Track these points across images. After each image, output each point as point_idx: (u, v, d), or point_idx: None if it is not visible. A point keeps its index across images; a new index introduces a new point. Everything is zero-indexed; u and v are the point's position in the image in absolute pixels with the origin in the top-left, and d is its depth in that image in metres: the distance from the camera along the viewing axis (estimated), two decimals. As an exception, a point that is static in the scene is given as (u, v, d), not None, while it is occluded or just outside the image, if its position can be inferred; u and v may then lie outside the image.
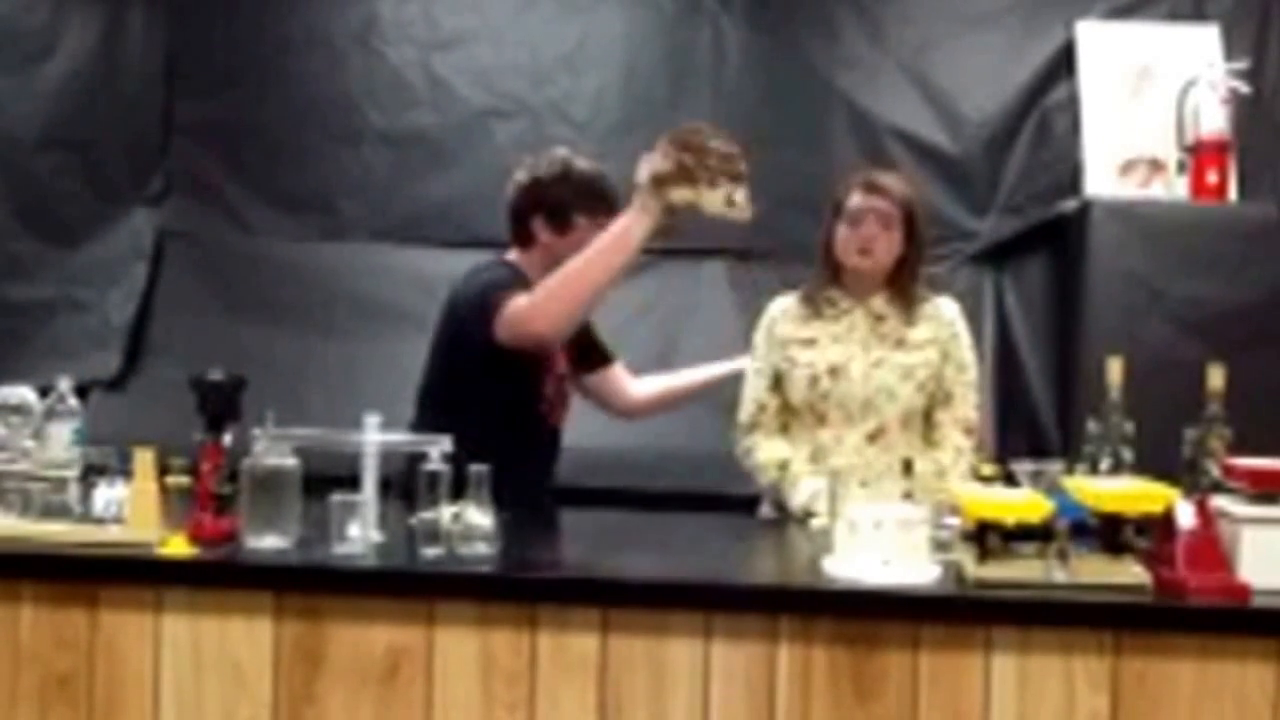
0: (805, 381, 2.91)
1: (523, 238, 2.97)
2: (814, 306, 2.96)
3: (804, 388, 2.91)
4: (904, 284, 2.93)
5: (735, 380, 3.08)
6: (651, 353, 4.37)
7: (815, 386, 2.90)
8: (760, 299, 3.15)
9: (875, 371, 2.88)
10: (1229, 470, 2.23)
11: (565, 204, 2.92)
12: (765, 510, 3.01)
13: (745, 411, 2.98)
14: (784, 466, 2.89)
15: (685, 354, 4.36)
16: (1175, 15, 4.31)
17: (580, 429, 3.23)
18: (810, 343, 2.94)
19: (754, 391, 2.98)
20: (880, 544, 2.15)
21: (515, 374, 2.87)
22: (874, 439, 2.86)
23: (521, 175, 2.97)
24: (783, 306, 3.02)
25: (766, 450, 2.93)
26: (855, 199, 2.92)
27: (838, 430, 2.88)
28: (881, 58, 4.42)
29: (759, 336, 3.02)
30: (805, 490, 2.83)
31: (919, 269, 2.96)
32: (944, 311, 2.96)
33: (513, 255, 2.99)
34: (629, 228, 2.60)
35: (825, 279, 2.97)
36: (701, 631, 2.10)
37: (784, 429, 2.97)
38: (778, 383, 2.96)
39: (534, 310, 2.68)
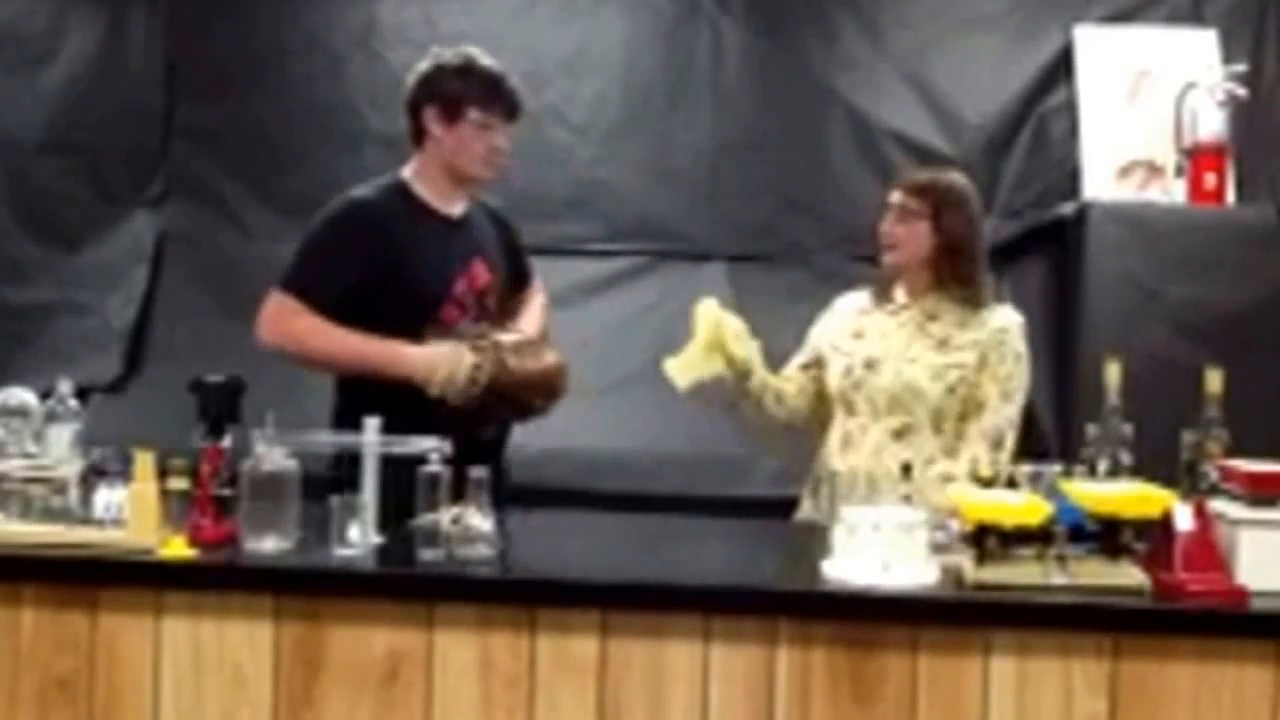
0: (841, 370, 2.95)
1: (417, 133, 2.88)
2: (876, 300, 3.01)
3: (839, 376, 2.95)
4: (955, 286, 2.91)
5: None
6: (651, 354, 4.37)
7: (849, 375, 2.93)
8: (758, 301, 3.16)
9: (907, 368, 2.88)
10: (1226, 473, 2.23)
11: (459, 95, 2.83)
12: (801, 513, 3.01)
13: (775, 379, 3.03)
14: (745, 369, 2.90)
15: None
16: (1173, 19, 4.31)
17: (579, 431, 3.24)
18: (859, 334, 2.98)
19: (787, 368, 3.06)
20: (879, 547, 2.15)
21: (380, 316, 2.75)
22: (900, 436, 2.86)
23: (423, 64, 2.90)
24: (847, 299, 3.09)
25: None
26: (889, 195, 2.99)
27: (864, 422, 2.90)
28: (880, 61, 4.43)
29: (815, 325, 3.09)
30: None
31: (972, 271, 2.93)
32: (997, 319, 2.92)
33: (408, 167, 2.90)
34: (408, 361, 2.68)
35: (890, 277, 3.00)
36: (700, 634, 2.10)
37: (812, 404, 3.02)
38: (810, 365, 3.03)
39: (272, 324, 2.76)
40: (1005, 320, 2.93)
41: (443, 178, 2.87)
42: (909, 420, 2.87)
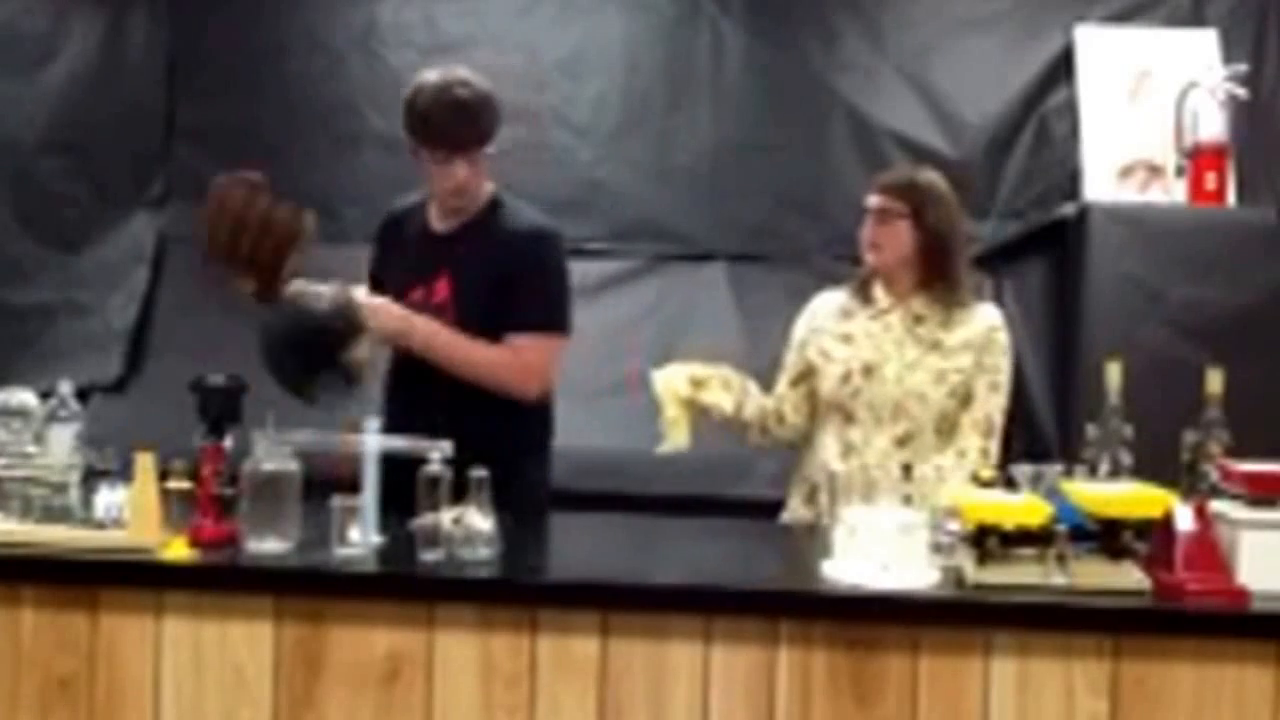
0: (837, 377, 2.91)
1: None
2: (858, 301, 2.97)
3: (835, 383, 2.91)
4: (940, 284, 2.92)
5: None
6: (652, 355, 4.37)
7: (847, 383, 2.90)
8: (759, 301, 3.16)
9: (909, 374, 2.87)
10: (1227, 474, 2.23)
11: (409, 132, 2.88)
12: (787, 515, 3.01)
13: (771, 400, 3.01)
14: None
15: (685, 356, 4.36)
16: (1174, 20, 4.31)
17: (579, 431, 3.23)
18: (847, 338, 2.94)
19: (779, 385, 3.03)
20: (880, 548, 2.15)
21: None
22: (904, 443, 2.85)
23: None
24: (825, 300, 3.04)
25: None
26: (867, 199, 2.97)
27: (866, 431, 2.88)
28: (881, 62, 4.43)
29: (796, 328, 3.04)
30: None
31: (954, 267, 2.93)
32: (984, 318, 2.93)
33: None
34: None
35: (868, 276, 2.98)
36: (701, 635, 2.11)
37: (811, 417, 2.98)
38: (801, 379, 2.98)
39: None
40: (992, 318, 2.95)
41: (435, 199, 2.97)
42: (912, 427, 2.86)
